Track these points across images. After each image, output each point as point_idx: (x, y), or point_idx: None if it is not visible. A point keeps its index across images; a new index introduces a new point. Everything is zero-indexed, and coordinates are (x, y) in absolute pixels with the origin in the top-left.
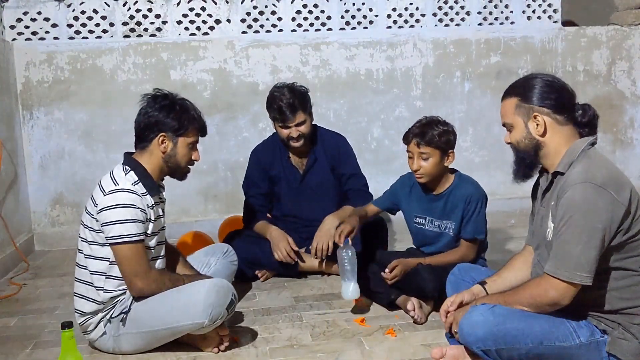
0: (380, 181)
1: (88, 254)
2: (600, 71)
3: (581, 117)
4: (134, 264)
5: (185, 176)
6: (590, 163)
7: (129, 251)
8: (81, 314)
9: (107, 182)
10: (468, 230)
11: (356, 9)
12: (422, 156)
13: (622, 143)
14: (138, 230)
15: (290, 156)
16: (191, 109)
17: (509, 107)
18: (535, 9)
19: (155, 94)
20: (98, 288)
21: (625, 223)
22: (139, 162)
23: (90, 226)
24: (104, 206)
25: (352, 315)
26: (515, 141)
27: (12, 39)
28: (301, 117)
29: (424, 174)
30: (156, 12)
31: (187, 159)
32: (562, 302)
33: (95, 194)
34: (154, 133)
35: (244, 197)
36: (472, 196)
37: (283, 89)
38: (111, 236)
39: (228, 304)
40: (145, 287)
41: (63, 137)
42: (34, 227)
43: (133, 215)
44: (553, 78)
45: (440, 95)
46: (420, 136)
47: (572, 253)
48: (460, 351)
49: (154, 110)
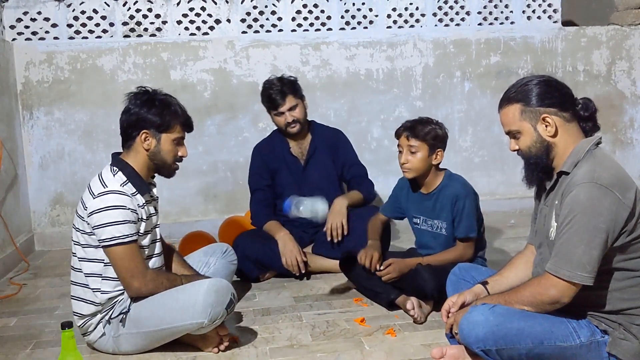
0: (380, 181)
1: (82, 257)
2: (600, 71)
3: (583, 111)
4: (128, 265)
5: (173, 173)
6: (596, 163)
7: (123, 252)
8: (80, 316)
9: (95, 184)
10: (460, 229)
11: (356, 9)
12: (411, 149)
13: (622, 143)
14: (130, 231)
15: (291, 147)
16: (173, 104)
17: (512, 114)
18: (535, 9)
19: (137, 91)
20: (95, 290)
21: (629, 224)
22: (127, 161)
23: (82, 229)
24: (94, 209)
25: (352, 315)
26: (525, 147)
27: (12, 39)
28: (292, 100)
29: (410, 168)
30: (156, 12)
31: (172, 155)
32: (562, 301)
33: (84, 197)
34: (136, 131)
35: (244, 197)
36: (459, 195)
37: (272, 80)
38: (103, 239)
39: (227, 304)
40: (142, 287)
41: (63, 137)
42: (34, 227)
43: (124, 217)
44: (547, 77)
45: (440, 95)
46: (410, 129)
47: (574, 252)
48: (460, 351)
49: (135, 107)
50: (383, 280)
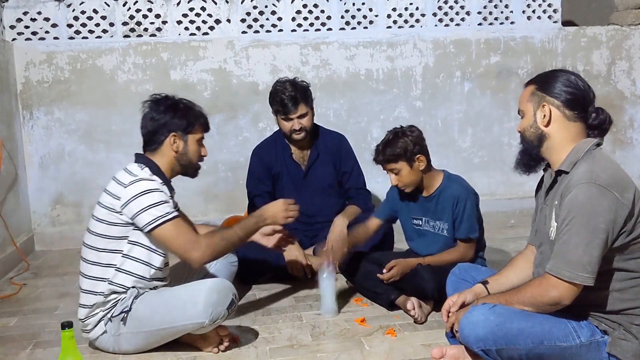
0: (380, 181)
1: (102, 248)
2: (600, 71)
3: (593, 120)
4: (180, 240)
5: (197, 173)
6: (595, 163)
7: (170, 230)
8: (85, 307)
9: (124, 176)
10: (461, 230)
11: (356, 9)
12: (394, 171)
13: (622, 143)
14: (170, 209)
15: (293, 152)
16: (194, 106)
17: (525, 94)
18: (535, 9)
19: (155, 98)
20: (105, 280)
21: (629, 225)
22: (153, 160)
23: (107, 220)
24: (129, 198)
25: (352, 315)
26: (522, 129)
27: (12, 39)
28: (303, 109)
29: (404, 185)
30: (156, 12)
31: (197, 155)
32: (563, 302)
33: (112, 189)
34: (164, 135)
35: (244, 197)
36: (460, 196)
37: (285, 83)
38: (148, 222)
39: (229, 304)
40: (203, 255)
41: (63, 137)
42: (34, 227)
43: (161, 197)
44: (577, 77)
45: (440, 96)
46: (381, 160)
47: (574, 253)
48: (460, 351)
49: (159, 113)
50: (384, 281)
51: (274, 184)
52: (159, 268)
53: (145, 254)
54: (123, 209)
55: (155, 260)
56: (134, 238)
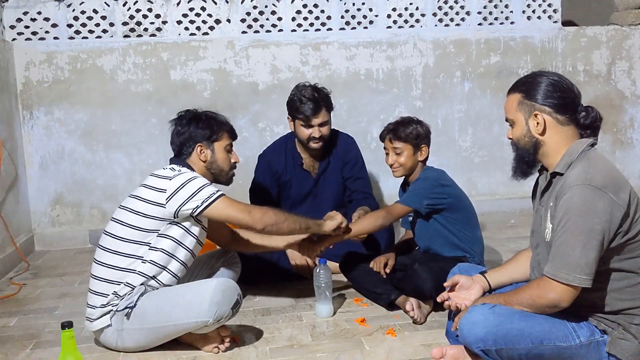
0: (380, 181)
1: (130, 239)
2: (600, 71)
3: (584, 119)
4: (236, 209)
5: (231, 180)
6: (589, 164)
7: (223, 204)
8: (96, 294)
9: (165, 171)
10: (403, 198)
11: (356, 9)
12: (396, 151)
13: (622, 143)
14: (216, 189)
15: (304, 160)
16: (217, 115)
17: (512, 103)
18: (535, 9)
19: (179, 114)
20: (125, 269)
21: (625, 225)
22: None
23: (142, 212)
24: (176, 187)
25: (352, 315)
26: (515, 138)
27: (12, 39)
28: (325, 116)
29: (398, 168)
30: (156, 12)
31: (227, 162)
32: (561, 304)
33: (154, 183)
34: (191, 147)
35: (244, 197)
36: (420, 176)
37: (308, 88)
38: (199, 204)
39: (234, 304)
40: (263, 216)
41: (63, 137)
42: (34, 227)
43: (204, 181)
44: (559, 77)
45: (440, 95)
46: (392, 132)
47: (571, 255)
48: (460, 351)
49: (183, 126)
50: (382, 274)
51: (282, 191)
52: (174, 274)
53: (165, 259)
54: (168, 200)
55: (174, 265)
56: (165, 232)
